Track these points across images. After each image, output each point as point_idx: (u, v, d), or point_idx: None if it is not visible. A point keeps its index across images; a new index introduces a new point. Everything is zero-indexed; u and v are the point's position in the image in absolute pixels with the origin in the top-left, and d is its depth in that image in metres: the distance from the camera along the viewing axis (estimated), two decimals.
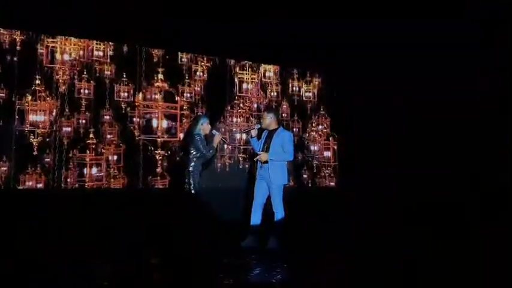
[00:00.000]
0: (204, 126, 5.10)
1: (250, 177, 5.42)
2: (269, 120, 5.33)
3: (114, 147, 6.60)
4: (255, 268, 4.47)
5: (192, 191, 4.88)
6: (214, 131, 5.25)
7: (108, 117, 6.62)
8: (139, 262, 4.51)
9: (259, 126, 5.45)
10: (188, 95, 7.25)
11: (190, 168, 4.90)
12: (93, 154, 6.46)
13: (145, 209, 6.02)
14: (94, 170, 6.47)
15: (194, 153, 4.95)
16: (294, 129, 8.06)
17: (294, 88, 8.21)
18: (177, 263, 4.52)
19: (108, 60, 6.71)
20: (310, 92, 8.33)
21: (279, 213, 5.17)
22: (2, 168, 5.94)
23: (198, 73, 7.35)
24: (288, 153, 5.16)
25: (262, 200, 5.29)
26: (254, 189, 5.35)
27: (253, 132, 5.38)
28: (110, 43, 6.73)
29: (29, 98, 6.15)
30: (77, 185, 6.33)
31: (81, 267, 4.32)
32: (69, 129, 6.37)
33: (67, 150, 6.31)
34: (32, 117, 6.15)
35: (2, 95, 6.02)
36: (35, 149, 6.13)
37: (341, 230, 6.39)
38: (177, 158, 6.63)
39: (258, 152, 5.29)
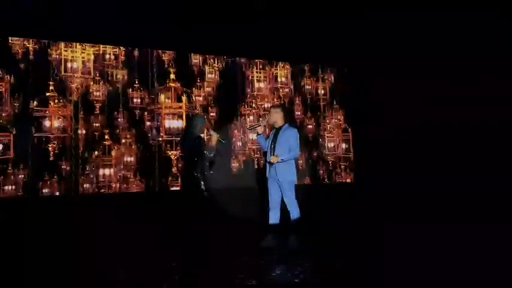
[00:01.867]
0: (202, 128, 4.98)
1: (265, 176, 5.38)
2: (275, 116, 5.13)
3: (129, 149, 6.62)
4: (275, 268, 4.42)
5: (205, 193, 4.82)
6: (211, 131, 5.10)
7: (122, 119, 6.66)
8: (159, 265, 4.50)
9: (265, 123, 5.36)
10: (200, 98, 7.24)
11: (197, 172, 4.77)
12: (109, 155, 6.50)
13: (163, 212, 6.02)
14: (110, 170, 6.50)
15: (197, 156, 4.81)
16: (309, 126, 8.02)
17: (307, 86, 8.15)
18: (197, 265, 4.50)
19: (121, 65, 6.74)
20: (322, 89, 8.27)
21: (293, 211, 5.06)
22: (20, 176, 6.00)
23: (209, 75, 7.34)
24: (293, 151, 5.03)
25: (277, 199, 5.19)
26: (268, 190, 5.30)
27: (259, 129, 5.20)
28: (121, 48, 6.75)
29: (47, 104, 6.22)
30: (91, 190, 6.35)
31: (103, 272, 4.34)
32: (84, 131, 6.43)
33: (83, 154, 6.36)
34: (47, 124, 6.20)
35: (16, 104, 6.07)
36: (51, 155, 6.18)
37: (358, 225, 6.35)
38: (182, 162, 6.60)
39: (261, 144, 5.22)
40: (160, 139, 6.86)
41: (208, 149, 4.82)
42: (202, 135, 4.90)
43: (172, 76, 7.05)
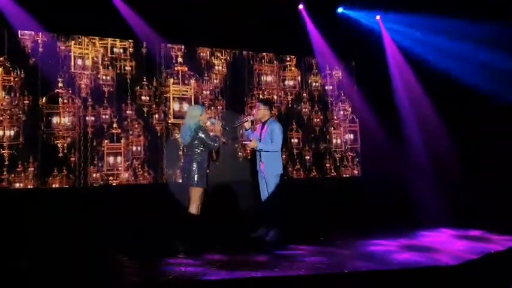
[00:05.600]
0: (203, 117, 4.86)
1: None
2: (262, 112, 5.35)
3: (137, 139, 6.65)
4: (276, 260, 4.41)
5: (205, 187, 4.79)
6: (212, 120, 5.15)
7: (130, 112, 6.66)
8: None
9: (252, 118, 5.45)
10: (208, 92, 7.23)
11: (197, 165, 4.71)
12: (117, 143, 6.50)
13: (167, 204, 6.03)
14: (118, 160, 6.49)
15: (201, 147, 4.74)
16: (315, 120, 7.99)
17: (313, 83, 8.10)
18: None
19: (129, 57, 6.75)
20: (330, 83, 8.22)
21: (274, 202, 5.15)
22: (30, 169, 6.05)
23: (217, 67, 7.32)
24: (275, 144, 5.15)
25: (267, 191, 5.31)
26: (259, 184, 5.41)
27: (247, 125, 5.38)
28: (130, 40, 6.76)
29: (54, 100, 6.23)
30: (101, 182, 6.39)
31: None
32: (93, 118, 6.41)
33: (91, 143, 6.34)
34: (56, 120, 6.22)
35: (26, 101, 6.10)
36: (61, 151, 6.21)
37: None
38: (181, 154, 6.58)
39: (249, 138, 5.33)
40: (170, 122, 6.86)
41: (214, 138, 4.79)
42: (203, 125, 4.84)
43: (180, 59, 7.04)
